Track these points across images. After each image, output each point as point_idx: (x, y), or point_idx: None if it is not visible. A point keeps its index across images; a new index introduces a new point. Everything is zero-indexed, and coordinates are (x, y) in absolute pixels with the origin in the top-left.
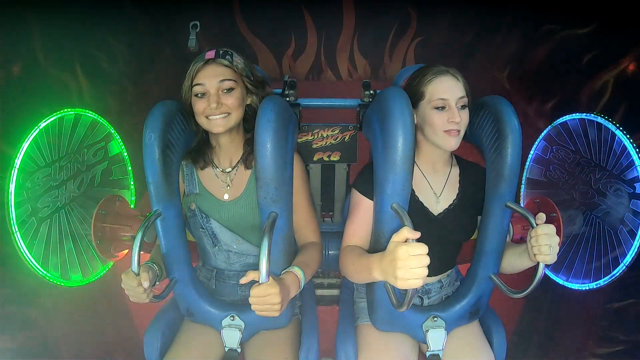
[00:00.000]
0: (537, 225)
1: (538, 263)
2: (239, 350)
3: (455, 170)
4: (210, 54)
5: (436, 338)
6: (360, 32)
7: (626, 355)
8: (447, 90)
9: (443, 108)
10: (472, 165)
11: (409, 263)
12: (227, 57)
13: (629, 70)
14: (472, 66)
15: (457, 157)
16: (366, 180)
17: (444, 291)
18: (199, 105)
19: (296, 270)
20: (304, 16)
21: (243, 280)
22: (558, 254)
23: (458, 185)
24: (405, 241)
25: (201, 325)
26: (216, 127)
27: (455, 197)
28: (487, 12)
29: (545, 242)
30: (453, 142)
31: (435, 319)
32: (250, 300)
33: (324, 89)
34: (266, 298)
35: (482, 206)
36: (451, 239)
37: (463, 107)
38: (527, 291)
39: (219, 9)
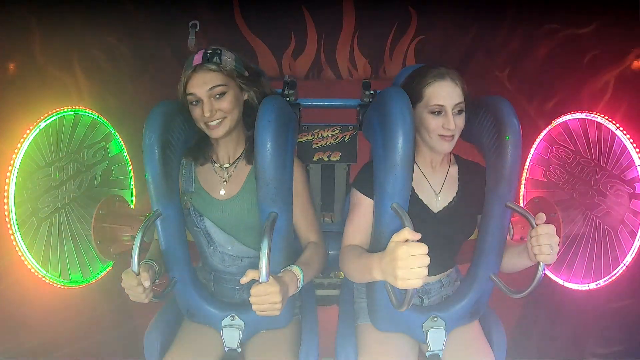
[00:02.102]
0: (537, 225)
1: (538, 263)
2: (239, 350)
3: (454, 169)
4: (198, 59)
5: (436, 338)
6: (360, 31)
7: (625, 356)
8: (444, 96)
9: (439, 113)
10: (472, 164)
11: (409, 263)
12: (215, 59)
13: (630, 70)
14: (472, 65)
15: (456, 155)
16: (366, 179)
17: (443, 291)
18: (195, 113)
19: (295, 269)
20: (303, 15)
21: (243, 280)
22: (558, 254)
23: (457, 183)
24: (406, 241)
25: (201, 325)
26: (215, 133)
27: (454, 195)
28: (487, 12)
29: (546, 242)
30: (446, 146)
31: (435, 319)
32: (251, 299)
33: (323, 88)
34: (266, 297)
35: (481, 205)
36: (451, 237)
37: (459, 112)
38: (527, 291)
39: (218, 8)
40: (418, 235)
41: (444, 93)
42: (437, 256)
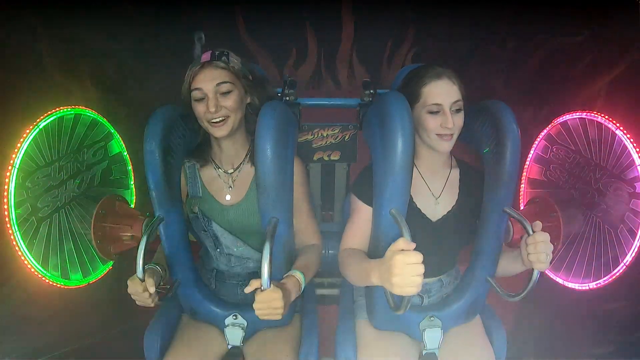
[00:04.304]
0: (533, 232)
1: (533, 269)
2: (241, 347)
3: (455, 172)
4: (207, 57)
5: (432, 337)
6: (359, 43)
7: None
8: (441, 94)
9: (437, 112)
10: (473, 169)
11: (404, 271)
12: (223, 58)
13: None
14: (469, 76)
15: (458, 159)
16: (365, 185)
17: (444, 290)
18: (198, 109)
19: (297, 274)
20: (305, 28)
21: (247, 290)
22: (558, 253)
23: (458, 190)
24: (402, 250)
25: (201, 323)
26: (218, 132)
27: (454, 203)
28: (483, 24)
29: (542, 250)
30: (446, 146)
31: (432, 318)
32: (255, 305)
33: (323, 96)
34: (270, 303)
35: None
36: (449, 244)
37: (458, 110)
38: (522, 295)
39: (222, 21)
40: (413, 245)
41: (441, 91)
42: (436, 259)
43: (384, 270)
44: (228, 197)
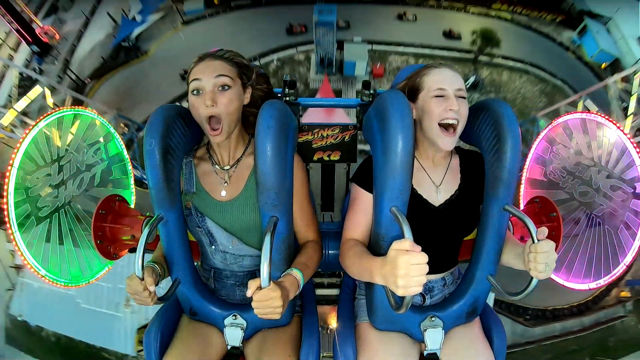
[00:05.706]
0: (537, 240)
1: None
2: (240, 347)
3: (456, 160)
4: (209, 52)
5: (434, 337)
6: None
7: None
8: (445, 79)
9: (442, 97)
10: (472, 153)
11: (410, 272)
12: (227, 54)
13: None
14: None
15: (457, 146)
16: (365, 173)
17: (446, 290)
18: (195, 104)
19: (295, 272)
20: None
21: (248, 294)
22: (558, 253)
23: (460, 175)
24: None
25: (200, 323)
26: (215, 139)
27: (457, 188)
28: None
29: (542, 261)
30: (448, 142)
31: (433, 318)
32: (253, 304)
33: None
34: (268, 302)
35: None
36: (454, 230)
37: (462, 98)
38: (521, 295)
39: None
40: (419, 248)
41: (445, 77)
42: (439, 251)
43: (388, 271)
44: (223, 193)
